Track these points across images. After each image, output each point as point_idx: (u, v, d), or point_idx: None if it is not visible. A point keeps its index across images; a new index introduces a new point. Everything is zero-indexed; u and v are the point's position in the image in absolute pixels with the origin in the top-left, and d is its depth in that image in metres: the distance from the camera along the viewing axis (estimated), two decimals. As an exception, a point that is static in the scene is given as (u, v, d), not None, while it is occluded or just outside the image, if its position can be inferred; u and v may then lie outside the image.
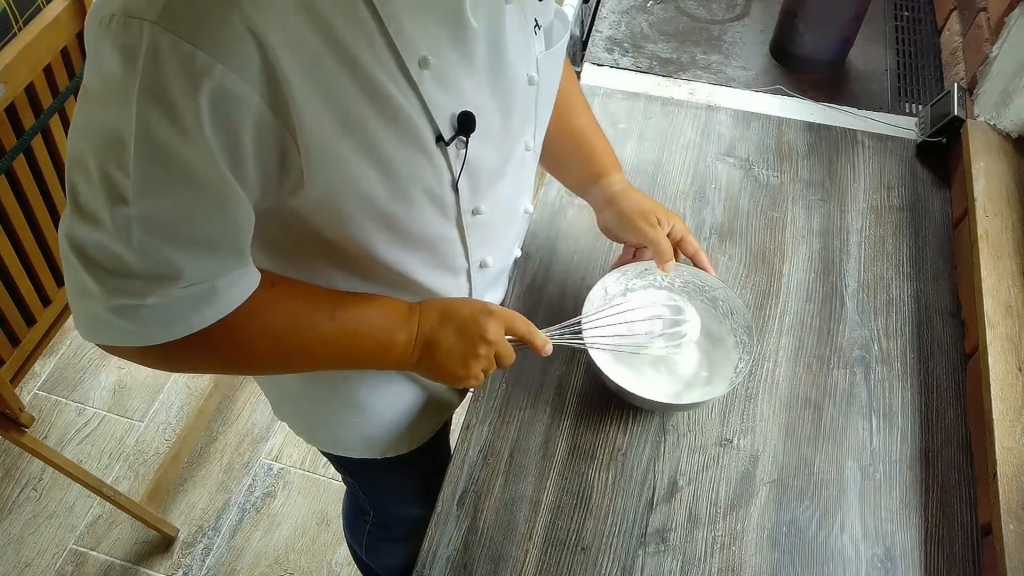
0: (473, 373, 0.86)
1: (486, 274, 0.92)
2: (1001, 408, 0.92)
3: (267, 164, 0.63)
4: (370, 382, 0.96)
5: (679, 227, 0.98)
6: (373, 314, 0.81)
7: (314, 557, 1.85)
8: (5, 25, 1.32)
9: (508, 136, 0.79)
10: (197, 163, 0.59)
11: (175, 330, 0.66)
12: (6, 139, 1.28)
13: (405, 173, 0.70)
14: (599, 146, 1.01)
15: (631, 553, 0.89)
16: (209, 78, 0.56)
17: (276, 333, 0.76)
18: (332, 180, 0.67)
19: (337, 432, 1.04)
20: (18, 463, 1.98)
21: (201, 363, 0.76)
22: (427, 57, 0.65)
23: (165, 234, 0.62)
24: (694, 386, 0.96)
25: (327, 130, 0.63)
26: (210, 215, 0.63)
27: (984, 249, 1.05)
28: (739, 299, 0.96)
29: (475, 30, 0.68)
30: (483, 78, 0.72)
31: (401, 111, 0.66)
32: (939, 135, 1.23)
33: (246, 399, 2.09)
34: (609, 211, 0.98)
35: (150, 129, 0.57)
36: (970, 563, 0.89)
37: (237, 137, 0.60)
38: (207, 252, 0.65)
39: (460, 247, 0.84)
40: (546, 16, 0.81)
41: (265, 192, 0.66)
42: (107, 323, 0.65)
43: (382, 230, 0.75)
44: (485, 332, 0.84)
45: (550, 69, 0.82)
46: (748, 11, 1.51)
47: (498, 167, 0.80)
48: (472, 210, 0.80)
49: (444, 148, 0.71)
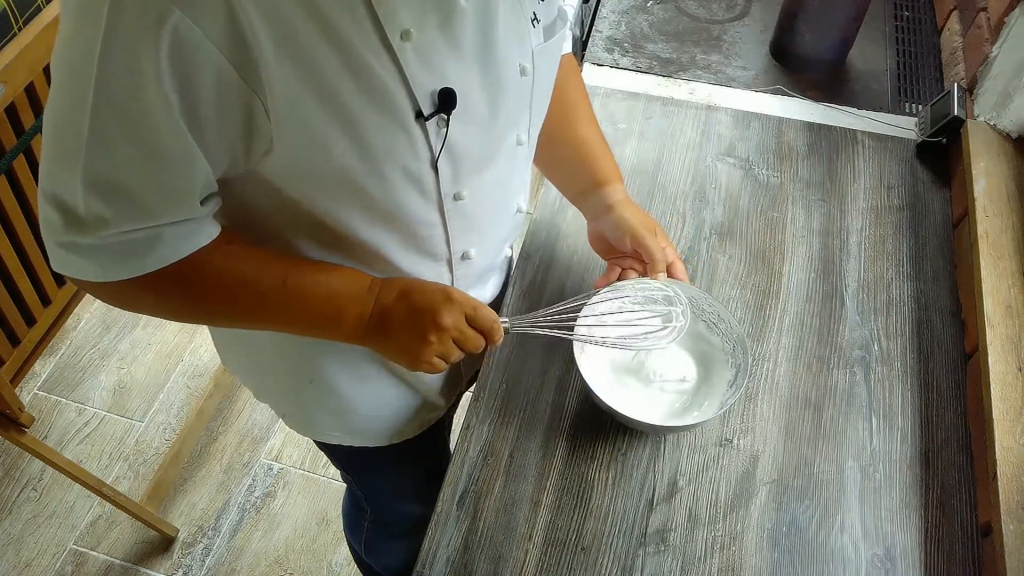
0: (424, 358, 0.83)
1: (470, 267, 0.91)
2: (1001, 408, 0.92)
3: (231, 125, 0.64)
4: (349, 367, 0.96)
5: (672, 251, 0.97)
6: (330, 283, 0.80)
7: (314, 557, 1.85)
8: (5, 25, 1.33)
9: (496, 124, 0.78)
10: (152, 111, 0.61)
11: (115, 272, 0.69)
12: (6, 139, 1.28)
13: (380, 146, 0.70)
14: (603, 157, 1.00)
15: (631, 553, 0.89)
16: (168, 23, 0.57)
17: (224, 288, 0.77)
18: (303, 147, 0.67)
19: (315, 415, 1.03)
20: (18, 463, 1.98)
21: (150, 307, 0.79)
22: (409, 30, 0.65)
23: (112, 180, 0.64)
24: (687, 405, 0.95)
25: (299, 96, 0.63)
26: (160, 166, 0.64)
27: (984, 249, 1.05)
28: (734, 317, 0.96)
29: (464, 10, 0.68)
30: (470, 60, 0.71)
31: (379, 83, 0.66)
32: (939, 135, 1.23)
33: (246, 399, 2.09)
34: (609, 217, 0.97)
35: (108, 75, 0.59)
36: (970, 563, 0.89)
37: (194, 89, 0.61)
38: (153, 201, 0.67)
39: (441, 232, 0.83)
40: (548, 15, 0.81)
41: (233, 156, 0.67)
42: (60, 256, 0.69)
43: (357, 205, 0.75)
44: (438, 317, 0.81)
45: (546, 63, 0.82)
46: (748, 11, 1.51)
47: (484, 154, 0.80)
48: (454, 195, 0.79)
49: (423, 125, 0.70)
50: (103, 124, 0.62)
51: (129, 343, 2.20)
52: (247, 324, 0.86)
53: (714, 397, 0.95)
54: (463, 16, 0.68)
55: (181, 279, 0.73)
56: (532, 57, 0.78)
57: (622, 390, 0.96)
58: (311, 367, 0.96)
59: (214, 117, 0.63)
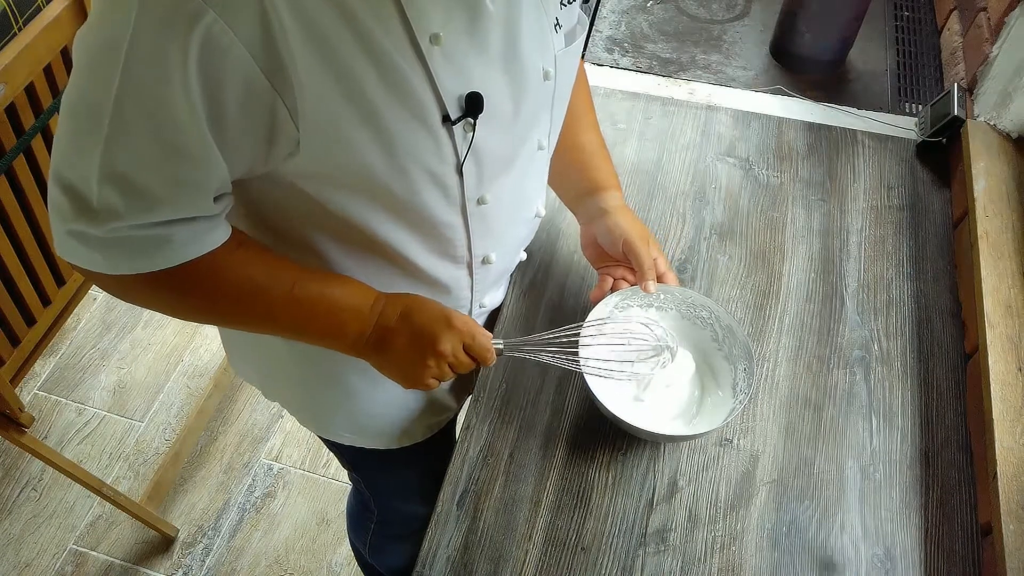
0: (423, 380, 0.85)
1: (489, 271, 0.91)
2: (1001, 408, 0.92)
3: (254, 128, 0.64)
4: (361, 368, 0.96)
5: (664, 261, 0.97)
6: (334, 297, 0.80)
7: (314, 557, 1.85)
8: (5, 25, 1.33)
9: (518, 127, 0.79)
10: (176, 109, 0.60)
11: (121, 266, 0.69)
12: (6, 139, 1.28)
13: (406, 149, 0.70)
14: (603, 163, 1.01)
15: (631, 553, 0.89)
16: (200, 24, 0.56)
17: (230, 293, 0.76)
18: (329, 149, 0.67)
19: (325, 413, 1.04)
20: (18, 463, 1.98)
21: (153, 303, 0.79)
22: (439, 34, 0.65)
23: (130, 173, 0.64)
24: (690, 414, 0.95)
25: (328, 98, 0.63)
26: (178, 163, 0.64)
27: (984, 249, 1.05)
28: (738, 324, 0.95)
29: (492, 13, 0.68)
30: (496, 63, 0.71)
31: (407, 86, 0.66)
32: (939, 135, 1.23)
33: (246, 399, 2.09)
34: (603, 221, 0.96)
35: (135, 69, 0.59)
36: (970, 563, 0.89)
37: (220, 91, 0.60)
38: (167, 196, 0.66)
39: (463, 236, 0.83)
40: (569, 20, 0.81)
41: (252, 159, 0.67)
42: (67, 243, 0.69)
43: (380, 206, 0.75)
44: (438, 344, 0.82)
45: (567, 67, 0.82)
46: (748, 11, 1.51)
47: (506, 158, 0.80)
48: (477, 199, 0.79)
49: (450, 128, 0.70)
50: (126, 117, 0.61)
51: (129, 343, 2.20)
52: (249, 329, 0.87)
53: (717, 404, 0.95)
54: (490, 19, 0.68)
55: (187, 280, 0.73)
56: (554, 62, 0.78)
57: (624, 395, 0.96)
58: (322, 365, 0.96)
59: (238, 120, 0.63)
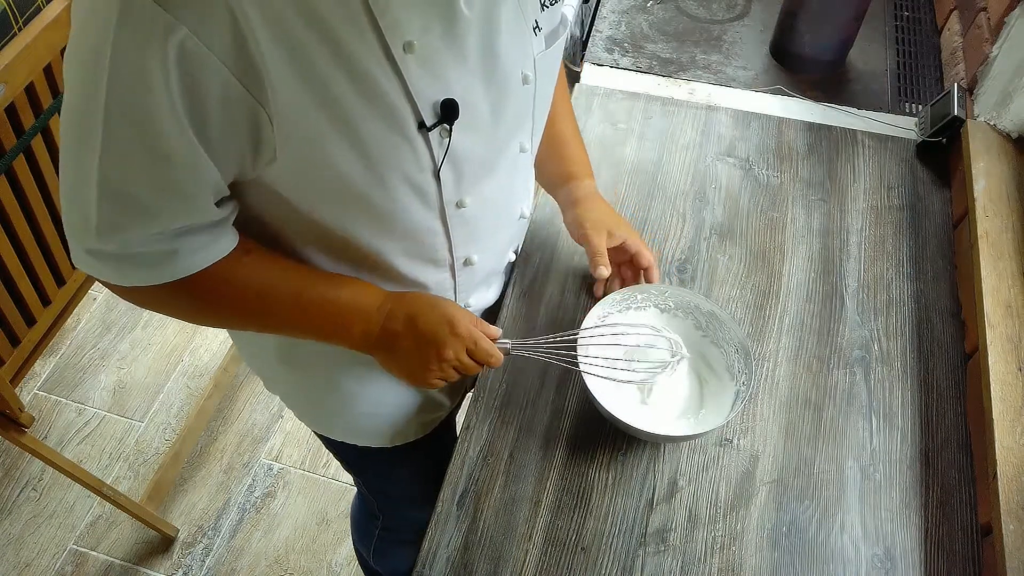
0: (429, 382, 0.87)
1: (472, 273, 0.92)
2: (1001, 408, 0.92)
3: (238, 134, 0.64)
4: (351, 369, 0.96)
5: (633, 241, 0.99)
6: (340, 299, 0.82)
7: (314, 557, 1.85)
8: (5, 25, 1.33)
9: (498, 132, 0.79)
10: (160, 118, 0.61)
11: (132, 279, 0.71)
12: (6, 139, 1.28)
13: (383, 156, 0.70)
14: (574, 151, 1.03)
15: (631, 553, 0.89)
16: (174, 38, 0.57)
17: (238, 301, 0.79)
18: (306, 156, 0.67)
19: (320, 410, 1.05)
20: (18, 463, 1.98)
21: (169, 310, 0.81)
22: (412, 42, 0.65)
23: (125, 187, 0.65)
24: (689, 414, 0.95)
25: (302, 106, 0.63)
26: (169, 170, 0.65)
27: (984, 249, 1.05)
28: (737, 324, 0.95)
29: (468, 19, 0.68)
30: (474, 69, 0.71)
31: (382, 94, 0.66)
32: (939, 135, 1.23)
33: (246, 399, 2.09)
34: (569, 213, 1.02)
35: (117, 83, 0.60)
36: (970, 563, 0.89)
37: (201, 99, 0.61)
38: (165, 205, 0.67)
39: (443, 240, 0.84)
40: (551, 22, 0.81)
41: (241, 163, 0.68)
42: (85, 260, 0.71)
43: (361, 214, 0.76)
44: (442, 350, 0.84)
45: (547, 70, 0.82)
46: (748, 11, 1.51)
47: (487, 162, 0.80)
48: (456, 202, 0.80)
49: (426, 135, 0.71)
50: (115, 130, 0.62)
51: (129, 343, 2.20)
52: (258, 331, 0.90)
53: (718, 391, 0.95)
54: (467, 26, 0.68)
55: (197, 290, 0.75)
56: (534, 65, 0.78)
57: (623, 396, 0.96)
58: (316, 362, 0.97)
59: (221, 127, 0.63)
